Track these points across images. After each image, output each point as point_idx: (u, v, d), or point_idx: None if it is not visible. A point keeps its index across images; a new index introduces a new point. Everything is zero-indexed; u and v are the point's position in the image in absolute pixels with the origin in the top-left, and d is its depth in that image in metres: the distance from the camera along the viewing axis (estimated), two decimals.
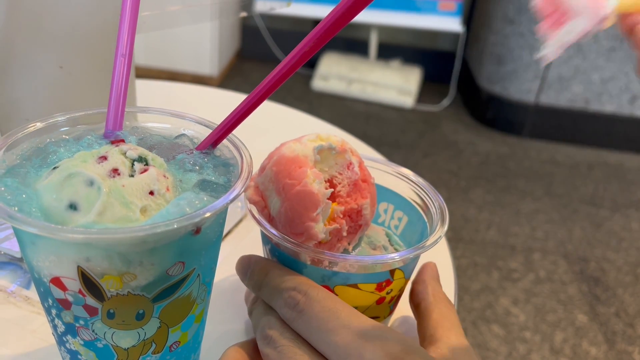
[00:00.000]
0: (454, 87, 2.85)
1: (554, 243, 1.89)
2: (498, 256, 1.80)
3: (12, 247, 0.47)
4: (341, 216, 0.39)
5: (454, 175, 2.23)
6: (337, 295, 0.37)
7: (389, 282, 0.38)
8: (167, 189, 0.30)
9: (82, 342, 0.32)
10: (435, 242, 0.38)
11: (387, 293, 0.39)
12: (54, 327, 0.33)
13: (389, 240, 0.45)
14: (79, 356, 0.33)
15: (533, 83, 2.48)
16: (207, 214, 0.28)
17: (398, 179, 0.45)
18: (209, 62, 2.62)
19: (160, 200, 0.30)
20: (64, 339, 0.33)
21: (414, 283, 0.43)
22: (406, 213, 0.44)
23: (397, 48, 2.96)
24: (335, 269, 0.37)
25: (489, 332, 1.51)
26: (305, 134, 0.40)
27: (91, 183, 0.29)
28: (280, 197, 0.38)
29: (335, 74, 2.80)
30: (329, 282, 0.37)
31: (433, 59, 2.97)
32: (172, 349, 0.34)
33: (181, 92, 0.89)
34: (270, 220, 0.39)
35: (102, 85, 0.45)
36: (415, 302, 0.42)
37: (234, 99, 0.84)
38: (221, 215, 0.34)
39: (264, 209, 0.39)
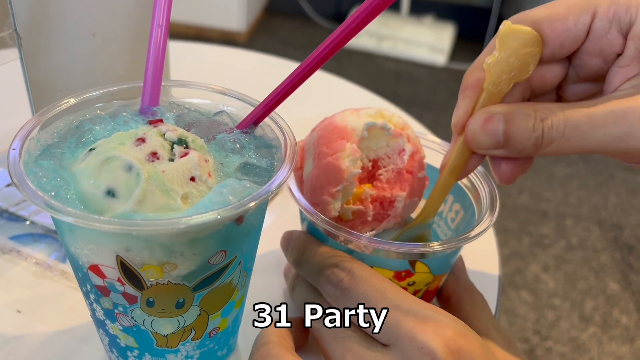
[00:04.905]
0: None
1: (588, 209, 1.84)
2: (529, 221, 1.76)
3: (48, 220, 0.47)
4: (369, 200, 0.37)
5: None
6: None
7: (409, 273, 0.36)
8: (209, 175, 0.29)
9: (121, 328, 0.31)
10: (450, 243, 0.35)
11: (409, 285, 0.37)
12: (92, 310, 0.32)
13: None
14: (118, 340, 0.32)
15: None
16: (251, 204, 0.26)
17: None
18: (236, 18, 2.57)
19: (202, 186, 0.28)
20: (103, 323, 0.32)
21: None
22: (464, 207, 0.41)
23: (430, 3, 2.85)
24: (350, 246, 0.36)
25: (517, 298, 1.50)
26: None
27: (129, 168, 0.27)
28: (313, 163, 0.37)
29: (365, 30, 2.71)
30: None
31: (468, 15, 2.85)
32: (212, 335, 0.33)
33: (209, 53, 0.86)
34: (301, 182, 0.38)
35: (136, 54, 0.43)
36: (445, 295, 0.40)
37: (263, 62, 0.80)
38: (264, 202, 0.32)
39: (299, 170, 0.39)
